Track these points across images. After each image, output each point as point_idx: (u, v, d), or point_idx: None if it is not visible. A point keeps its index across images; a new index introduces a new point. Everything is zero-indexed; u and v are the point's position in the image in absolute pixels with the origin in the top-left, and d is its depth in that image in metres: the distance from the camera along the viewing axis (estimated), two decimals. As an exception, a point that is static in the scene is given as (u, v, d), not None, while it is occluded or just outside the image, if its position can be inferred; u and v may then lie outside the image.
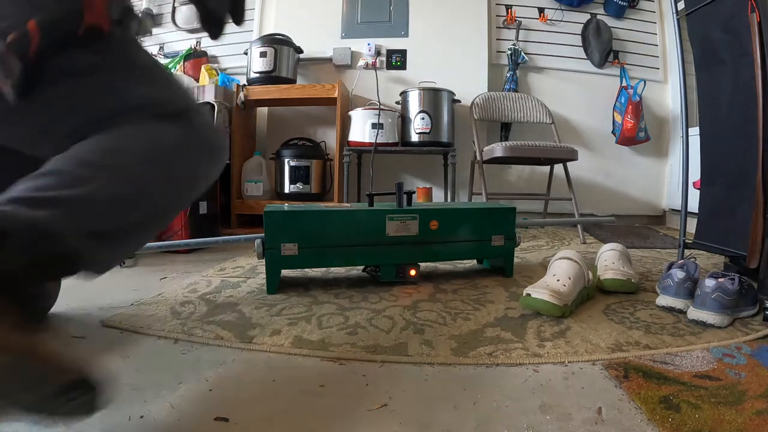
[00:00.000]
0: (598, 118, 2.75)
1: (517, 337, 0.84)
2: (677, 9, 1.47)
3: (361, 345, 0.79)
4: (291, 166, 2.38)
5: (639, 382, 0.66)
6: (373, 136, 2.30)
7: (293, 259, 1.12)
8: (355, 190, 2.65)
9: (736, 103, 1.22)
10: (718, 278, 0.92)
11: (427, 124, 2.34)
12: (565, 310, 0.94)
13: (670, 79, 2.77)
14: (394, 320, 0.93)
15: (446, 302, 1.05)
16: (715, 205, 1.34)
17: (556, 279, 1.00)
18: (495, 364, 0.73)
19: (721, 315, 0.89)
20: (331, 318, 0.94)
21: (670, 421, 0.55)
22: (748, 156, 1.14)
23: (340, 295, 1.10)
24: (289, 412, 0.58)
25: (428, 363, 0.73)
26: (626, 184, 2.81)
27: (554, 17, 2.73)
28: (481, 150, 2.28)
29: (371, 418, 0.57)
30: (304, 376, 0.68)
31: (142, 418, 0.55)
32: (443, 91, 2.39)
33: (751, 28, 1.10)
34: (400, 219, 1.18)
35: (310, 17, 2.71)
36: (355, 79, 2.65)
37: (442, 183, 2.63)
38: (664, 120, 2.81)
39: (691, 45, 1.40)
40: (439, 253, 1.25)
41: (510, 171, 2.78)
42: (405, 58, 2.68)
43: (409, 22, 2.68)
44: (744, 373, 0.69)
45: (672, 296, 1.00)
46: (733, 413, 0.57)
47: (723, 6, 1.24)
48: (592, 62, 2.74)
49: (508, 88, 2.66)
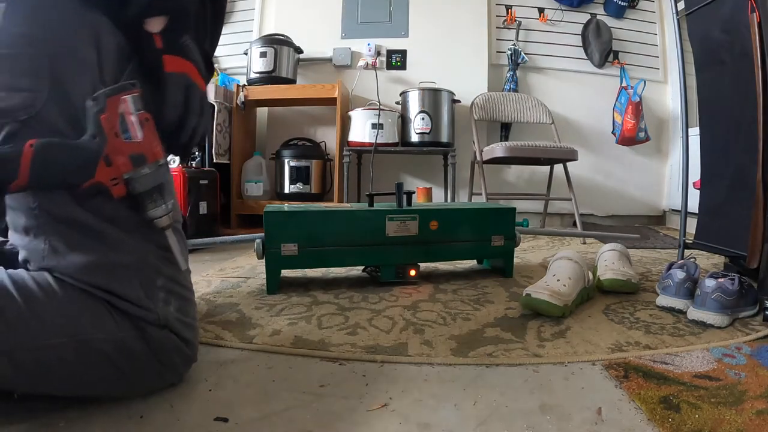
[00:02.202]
0: (598, 118, 2.76)
1: (517, 337, 0.84)
2: (677, 9, 1.47)
3: (361, 345, 0.79)
4: (291, 166, 2.38)
5: (639, 383, 0.66)
6: (373, 136, 2.30)
7: (293, 259, 1.12)
8: (355, 190, 2.65)
9: (736, 104, 1.22)
10: (718, 278, 0.92)
11: (427, 124, 2.34)
12: (565, 310, 0.94)
13: (670, 79, 2.77)
14: (394, 320, 0.93)
15: (446, 302, 1.05)
16: (715, 205, 1.34)
17: (556, 279, 1.00)
18: (495, 364, 0.73)
19: (721, 315, 0.89)
20: (331, 318, 0.94)
21: (670, 422, 0.55)
22: (748, 156, 1.14)
23: (340, 295, 1.10)
24: (289, 412, 0.58)
25: (428, 363, 0.73)
26: (626, 184, 2.81)
27: (554, 17, 2.73)
28: (481, 150, 2.28)
29: (371, 418, 0.57)
30: (304, 376, 0.68)
31: (142, 418, 0.55)
32: (443, 92, 2.39)
33: (751, 28, 1.10)
34: (400, 219, 1.18)
35: (310, 17, 2.71)
36: (355, 80, 2.65)
37: (442, 183, 2.63)
38: (664, 120, 2.81)
39: (691, 45, 1.40)
40: (439, 253, 1.25)
41: (510, 171, 2.78)
42: (405, 58, 2.68)
43: (409, 22, 2.68)
44: (744, 373, 0.69)
45: (672, 296, 1.00)
46: (733, 413, 0.57)
47: (723, 6, 1.24)
48: (592, 62, 2.74)
49: (508, 89, 2.66)
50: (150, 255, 0.60)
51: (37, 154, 0.51)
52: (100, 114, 0.55)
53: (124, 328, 0.56)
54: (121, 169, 0.56)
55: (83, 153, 0.54)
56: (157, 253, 0.61)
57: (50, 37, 0.59)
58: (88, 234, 0.56)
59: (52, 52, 0.59)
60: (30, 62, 0.58)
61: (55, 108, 0.57)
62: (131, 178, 0.56)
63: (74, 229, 0.56)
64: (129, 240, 0.58)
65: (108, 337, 0.55)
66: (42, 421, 0.53)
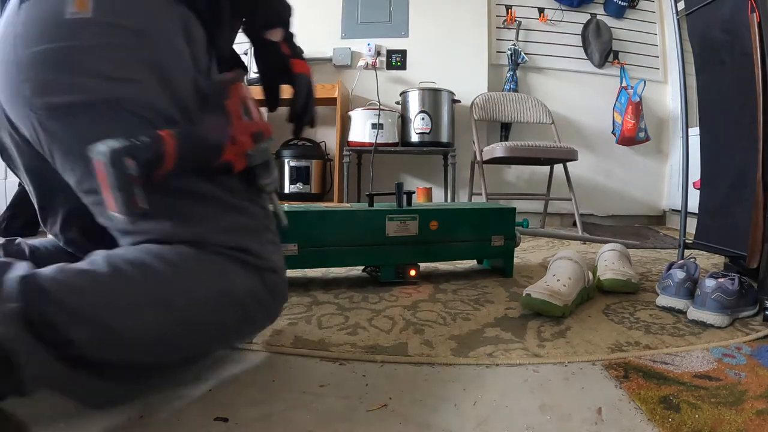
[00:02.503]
0: (598, 118, 2.76)
1: (517, 337, 0.84)
2: (677, 9, 1.47)
3: (361, 345, 0.79)
4: (291, 166, 2.38)
5: (639, 382, 0.66)
6: (373, 136, 2.30)
7: (293, 259, 1.12)
8: (355, 190, 2.65)
9: (736, 104, 1.22)
10: (718, 278, 0.92)
11: (427, 124, 2.34)
12: (565, 310, 0.94)
13: (670, 79, 2.77)
14: (394, 320, 0.93)
15: (446, 302, 1.05)
16: (715, 205, 1.34)
17: (556, 279, 1.00)
18: (495, 364, 0.73)
19: (721, 315, 0.89)
20: (331, 318, 0.94)
21: (670, 422, 0.55)
22: (748, 156, 1.14)
23: (340, 296, 1.10)
24: (289, 412, 0.58)
25: (428, 363, 0.73)
26: (626, 184, 2.81)
27: (554, 17, 2.73)
28: (481, 150, 2.28)
29: (371, 418, 0.57)
30: (304, 376, 0.68)
31: (142, 418, 0.55)
32: (443, 92, 2.39)
33: (751, 28, 1.10)
34: (400, 219, 1.18)
35: (310, 17, 2.70)
36: (355, 80, 2.65)
37: (442, 183, 2.63)
38: (664, 120, 2.81)
39: (691, 45, 1.40)
40: (439, 253, 1.25)
41: (510, 171, 2.78)
42: (405, 58, 2.68)
43: (409, 22, 2.68)
44: (744, 373, 0.69)
45: (672, 296, 1.00)
46: (733, 413, 0.57)
47: (723, 6, 1.24)
48: (592, 62, 2.74)
49: (508, 89, 2.66)
50: (262, 216, 0.69)
51: (180, 142, 0.55)
52: (224, 99, 0.61)
53: (252, 277, 0.64)
54: (245, 146, 0.62)
55: (212, 133, 0.60)
56: (265, 212, 0.70)
57: (146, 28, 0.61)
58: (219, 204, 0.63)
59: (152, 43, 0.61)
60: (131, 52, 0.60)
61: (165, 97, 0.61)
62: (251, 153, 0.63)
63: (205, 201, 0.61)
64: (248, 205, 0.66)
65: (245, 288, 0.62)
66: (42, 421, 0.53)
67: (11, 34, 0.59)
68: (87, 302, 0.49)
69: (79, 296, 0.48)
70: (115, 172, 0.50)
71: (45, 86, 0.58)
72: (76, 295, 0.48)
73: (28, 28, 0.58)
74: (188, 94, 0.62)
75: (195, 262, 0.59)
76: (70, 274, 0.50)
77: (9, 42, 0.59)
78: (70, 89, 0.58)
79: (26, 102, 0.58)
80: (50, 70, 0.58)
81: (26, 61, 0.57)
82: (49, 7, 0.58)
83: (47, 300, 0.46)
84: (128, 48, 0.60)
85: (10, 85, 0.59)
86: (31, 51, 0.57)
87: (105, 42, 0.59)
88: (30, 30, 0.58)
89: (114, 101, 0.58)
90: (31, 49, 0.57)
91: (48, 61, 0.58)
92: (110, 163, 0.50)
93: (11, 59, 0.58)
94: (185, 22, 0.65)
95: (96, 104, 0.58)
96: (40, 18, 0.58)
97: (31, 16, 0.58)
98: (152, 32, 0.61)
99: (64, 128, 0.59)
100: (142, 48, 0.60)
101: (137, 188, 0.51)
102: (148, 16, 0.62)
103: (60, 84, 0.58)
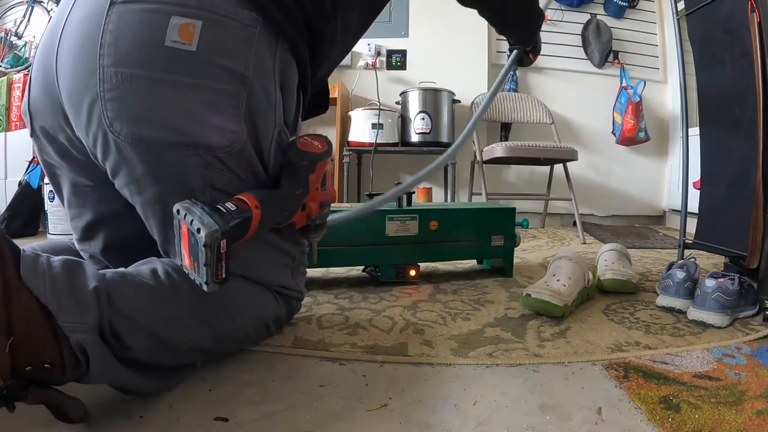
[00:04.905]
0: (598, 118, 2.75)
1: (517, 337, 0.84)
2: (677, 9, 1.47)
3: (361, 345, 0.79)
4: (291, 166, 2.38)
5: (639, 382, 0.66)
6: (373, 136, 2.30)
7: (293, 259, 1.12)
8: (355, 190, 2.65)
9: (736, 104, 1.22)
10: (718, 278, 0.92)
11: (427, 124, 2.34)
12: (565, 310, 0.94)
13: (670, 79, 2.77)
14: (394, 320, 0.93)
15: (446, 302, 1.05)
16: (715, 205, 1.34)
17: (556, 279, 1.00)
18: (495, 364, 0.73)
19: (721, 315, 0.89)
20: (331, 318, 0.94)
21: (670, 421, 0.55)
22: (748, 156, 1.14)
23: (340, 295, 1.10)
24: (289, 412, 0.58)
25: (428, 363, 0.73)
26: (626, 184, 2.81)
27: (554, 17, 2.73)
28: (481, 150, 2.28)
29: (371, 418, 0.57)
30: (303, 376, 0.68)
31: (142, 418, 0.55)
32: (443, 92, 2.39)
33: (751, 28, 1.10)
34: (400, 219, 1.18)
35: (310, 17, 2.70)
36: (355, 80, 2.65)
37: (442, 183, 2.63)
38: (664, 120, 2.81)
39: (691, 45, 1.40)
40: (439, 253, 1.25)
41: (510, 171, 2.78)
42: (405, 58, 2.68)
43: (409, 22, 2.68)
44: (744, 373, 0.69)
45: (672, 296, 1.00)
46: (733, 413, 0.57)
47: (723, 6, 1.24)
48: (592, 62, 2.74)
49: (508, 89, 2.66)
50: (300, 254, 0.78)
51: (263, 214, 0.59)
52: (310, 173, 0.66)
53: (281, 306, 0.76)
54: (312, 212, 0.69)
55: (290, 203, 0.65)
56: (303, 250, 0.79)
57: (249, 75, 0.60)
58: (269, 248, 0.71)
59: (252, 94, 0.61)
60: (232, 100, 0.59)
61: (250, 148, 0.62)
62: (314, 217, 0.70)
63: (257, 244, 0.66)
64: (291, 247, 0.75)
65: (274, 314, 0.75)
66: (42, 422, 0.53)
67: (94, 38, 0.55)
68: (148, 318, 0.56)
69: (142, 313, 0.55)
70: (209, 252, 0.52)
71: (133, 116, 0.56)
72: (140, 312, 0.55)
73: (120, 42, 0.54)
74: (271, 145, 0.65)
75: (238, 292, 0.66)
76: (135, 287, 0.57)
77: (90, 44, 0.55)
78: (161, 126, 0.56)
79: (104, 120, 0.56)
80: (143, 101, 0.55)
81: (113, 80, 0.55)
82: (149, 28, 0.55)
83: (117, 313, 0.53)
84: (229, 95, 0.58)
85: (87, 93, 0.56)
86: (119, 70, 0.54)
87: (207, 85, 0.57)
88: (121, 45, 0.54)
89: (203, 148, 0.58)
90: (120, 69, 0.54)
91: (141, 91, 0.55)
92: (206, 245, 0.51)
93: (92, 67, 0.55)
94: (282, 69, 0.64)
95: (186, 146, 0.57)
96: (136, 36, 0.55)
97: (123, 30, 0.55)
98: (254, 81, 0.60)
99: (143, 159, 0.58)
100: (242, 97, 0.59)
101: (224, 263, 0.54)
102: (252, 61, 0.60)
103: (152, 119, 0.56)
